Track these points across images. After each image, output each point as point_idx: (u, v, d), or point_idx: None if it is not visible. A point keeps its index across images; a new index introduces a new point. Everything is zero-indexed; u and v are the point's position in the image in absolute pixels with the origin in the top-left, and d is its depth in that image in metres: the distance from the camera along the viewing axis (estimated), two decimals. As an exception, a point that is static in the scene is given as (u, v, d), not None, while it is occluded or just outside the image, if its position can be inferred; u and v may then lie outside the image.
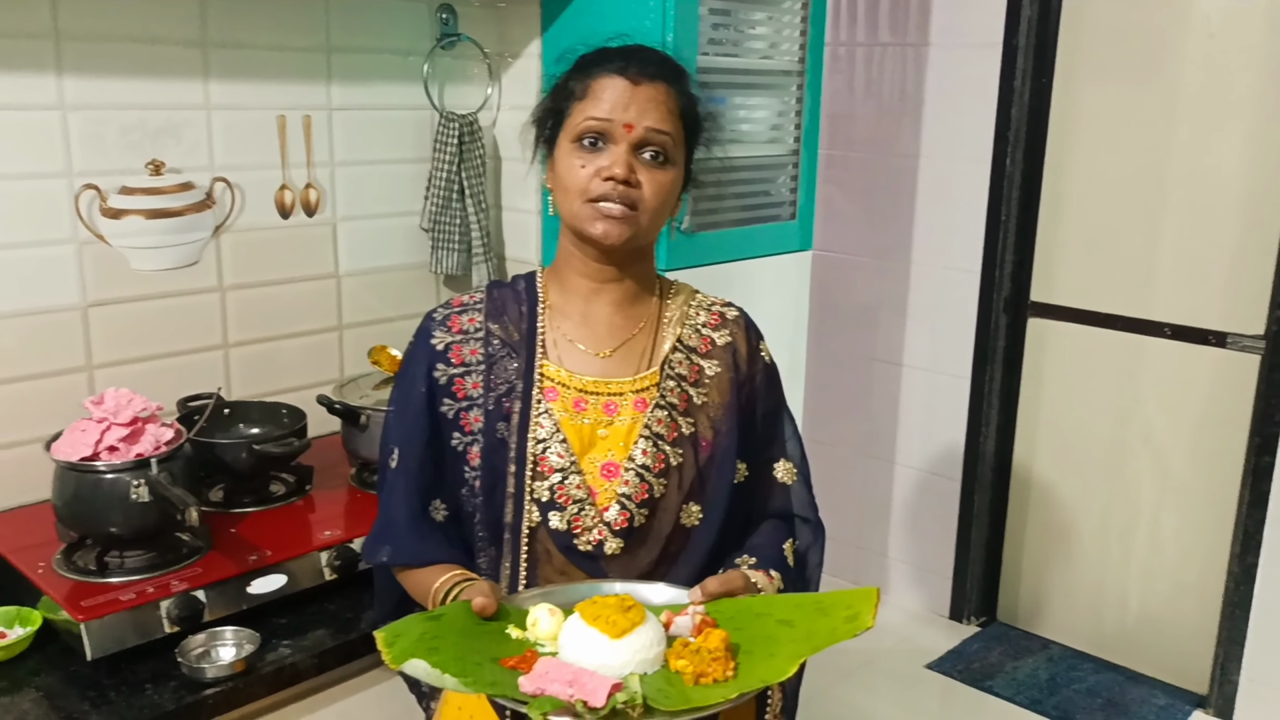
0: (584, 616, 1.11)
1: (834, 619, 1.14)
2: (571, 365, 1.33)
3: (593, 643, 1.09)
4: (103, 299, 1.87)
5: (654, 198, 1.28)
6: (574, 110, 1.29)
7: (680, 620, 1.16)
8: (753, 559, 1.34)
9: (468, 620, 1.14)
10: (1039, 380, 3.14)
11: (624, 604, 1.11)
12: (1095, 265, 2.99)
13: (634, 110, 1.26)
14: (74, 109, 1.79)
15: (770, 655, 1.11)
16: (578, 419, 1.31)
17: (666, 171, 1.29)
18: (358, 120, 2.16)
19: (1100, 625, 3.13)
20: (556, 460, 1.29)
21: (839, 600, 1.17)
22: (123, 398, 1.60)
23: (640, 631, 1.10)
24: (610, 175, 1.25)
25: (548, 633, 1.13)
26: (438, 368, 1.33)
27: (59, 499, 1.57)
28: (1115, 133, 2.90)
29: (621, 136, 1.26)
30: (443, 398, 1.33)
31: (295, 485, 1.89)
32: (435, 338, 1.35)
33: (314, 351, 2.17)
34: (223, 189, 1.98)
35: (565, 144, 1.30)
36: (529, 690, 1.04)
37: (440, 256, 2.29)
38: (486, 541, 1.33)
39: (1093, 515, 3.09)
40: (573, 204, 1.29)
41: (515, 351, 1.34)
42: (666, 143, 1.28)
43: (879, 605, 1.15)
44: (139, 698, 1.43)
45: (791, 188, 2.49)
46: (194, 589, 1.54)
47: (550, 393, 1.31)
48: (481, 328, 1.35)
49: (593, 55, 1.33)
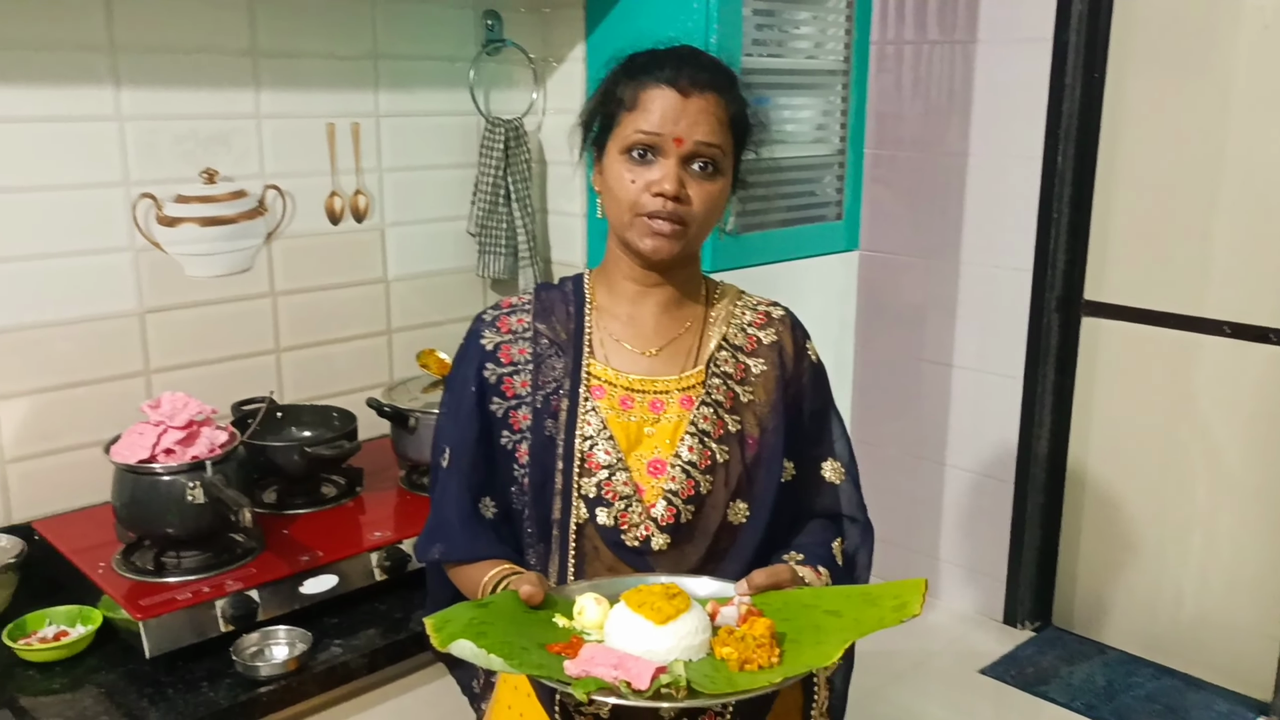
0: (629, 604, 1.12)
1: (882, 608, 1.15)
2: (618, 364, 1.34)
3: (638, 629, 1.10)
4: (159, 305, 1.91)
5: (702, 209, 1.29)
6: (623, 120, 1.29)
7: (726, 611, 1.16)
8: (800, 555, 1.34)
9: (515, 608, 1.16)
10: (1093, 379, 3.09)
11: (669, 592, 1.12)
12: (1149, 262, 2.94)
13: (684, 123, 1.26)
14: (130, 119, 1.83)
15: (817, 644, 1.12)
16: (624, 416, 1.32)
17: (715, 182, 1.29)
18: (405, 126, 2.19)
19: (1158, 628, 3.07)
20: (603, 457, 1.30)
21: (887, 591, 1.17)
22: (178, 401, 1.63)
23: (685, 618, 1.11)
24: (660, 191, 1.26)
25: (594, 621, 1.15)
26: (487, 367, 1.35)
27: (118, 500, 1.61)
28: (1168, 127, 2.85)
29: (671, 150, 1.26)
30: (492, 396, 1.35)
31: (346, 487, 1.92)
32: (485, 338, 1.37)
33: (364, 355, 2.21)
34: (274, 196, 2.02)
35: (614, 153, 1.30)
36: (574, 673, 1.05)
37: (487, 260, 2.31)
38: (535, 538, 1.34)
39: (1148, 516, 3.04)
40: (622, 216, 1.30)
41: (563, 350, 1.35)
42: (716, 155, 1.28)
43: (926, 596, 1.15)
44: (195, 695, 1.46)
45: (837, 188, 2.48)
46: (248, 589, 1.57)
47: (597, 391, 1.33)
48: (530, 328, 1.37)
49: (643, 59, 1.32)
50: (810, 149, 2.42)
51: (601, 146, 1.33)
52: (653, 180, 1.26)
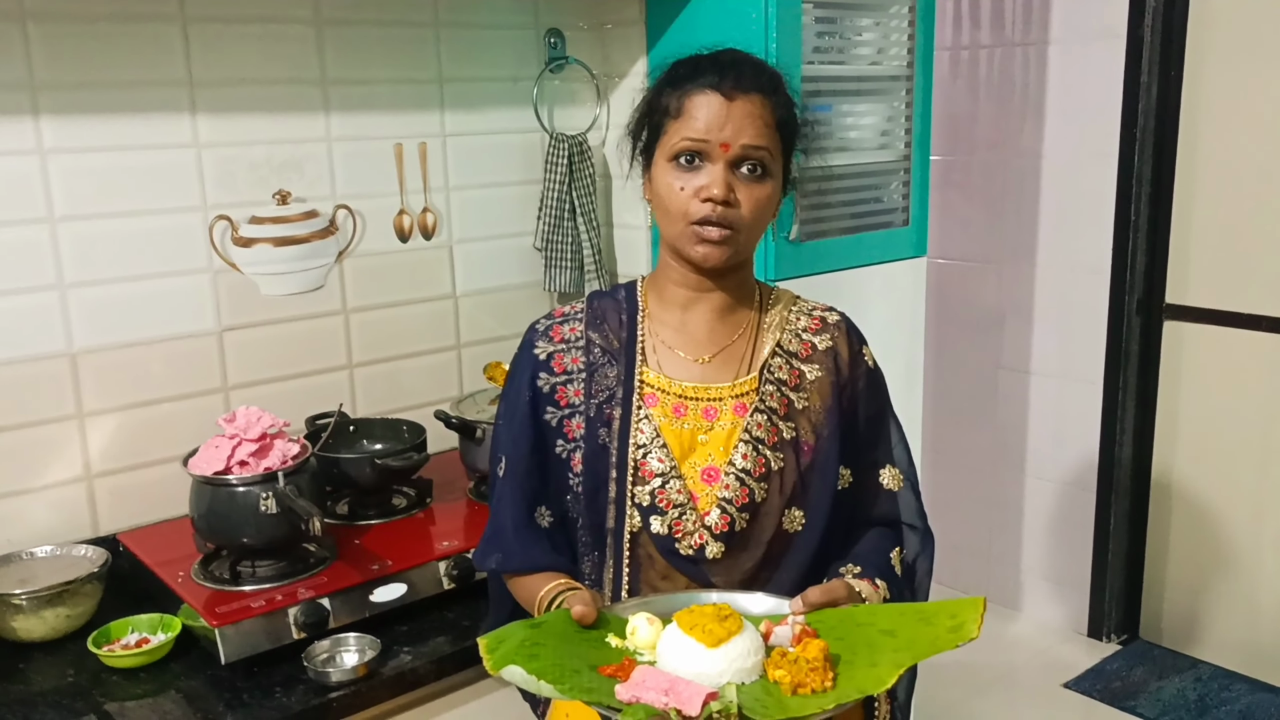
0: (681, 625, 1.12)
1: (937, 628, 1.12)
2: (671, 371, 1.34)
3: (689, 651, 1.09)
4: (236, 324, 1.98)
5: (752, 214, 1.28)
6: (669, 128, 1.29)
7: (780, 630, 1.15)
8: (857, 567, 1.32)
9: (568, 628, 1.16)
10: (1177, 384, 3.00)
11: (721, 613, 1.12)
12: (1234, 263, 2.85)
13: (730, 128, 1.26)
14: (207, 147, 1.91)
15: (871, 665, 1.10)
16: (677, 424, 1.32)
17: (764, 185, 1.29)
18: (471, 145, 2.24)
19: (1254, 642, 2.95)
20: (657, 465, 1.30)
21: (943, 609, 1.15)
22: (252, 415, 1.69)
23: (737, 641, 1.10)
24: (709, 197, 1.26)
25: (646, 641, 1.14)
26: (540, 376, 1.36)
27: (195, 511, 1.67)
28: (1250, 121, 2.76)
29: (718, 155, 1.26)
30: (546, 406, 1.36)
31: (416, 498, 1.96)
32: (538, 348, 1.38)
33: (434, 370, 2.25)
34: (345, 216, 2.08)
35: (662, 161, 1.30)
36: (624, 698, 1.05)
37: (553, 275, 2.34)
38: (589, 546, 1.35)
39: (1242, 524, 2.93)
40: (674, 225, 1.30)
41: (615, 359, 1.36)
42: (764, 157, 1.28)
43: (984, 615, 1.12)
44: (269, 700, 1.50)
45: (904, 193, 2.46)
46: (320, 597, 1.61)
47: (650, 399, 1.33)
48: (582, 336, 1.38)
49: (686, 66, 1.32)
50: (875, 155, 2.40)
51: (650, 156, 1.34)
52: (701, 186, 1.26)
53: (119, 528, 1.87)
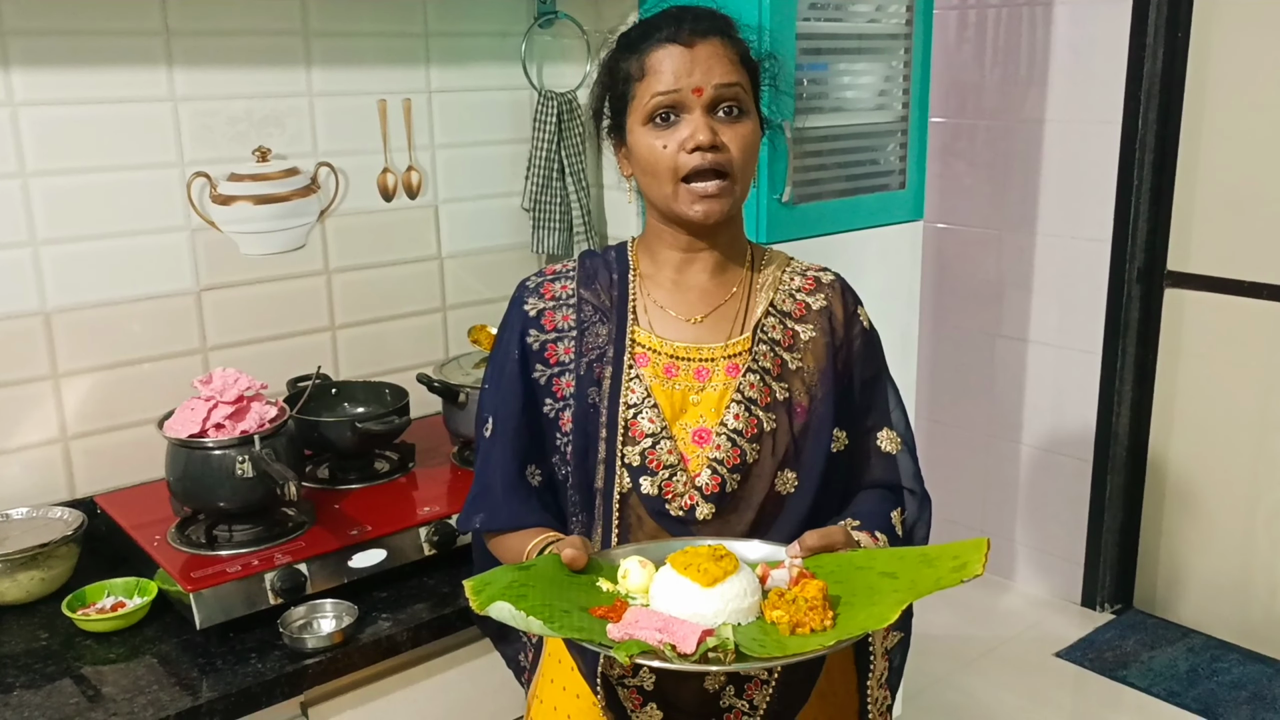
0: (675, 566, 1.10)
1: (940, 569, 1.09)
2: (663, 331, 1.32)
3: (684, 592, 1.07)
4: (215, 283, 1.94)
5: (741, 154, 1.26)
6: (637, 91, 1.27)
7: (777, 574, 1.13)
8: (857, 521, 1.30)
9: (558, 572, 1.14)
10: (1176, 354, 2.96)
11: (716, 553, 1.09)
12: (1237, 230, 2.80)
13: (698, 72, 1.24)
14: (184, 100, 1.85)
15: (871, 605, 1.07)
16: (669, 385, 1.30)
17: (745, 123, 1.27)
18: (457, 102, 2.18)
19: (1246, 613, 2.94)
20: (648, 425, 1.28)
21: (946, 551, 1.12)
22: (229, 377, 1.65)
23: (733, 580, 1.08)
24: (696, 145, 1.23)
25: (639, 585, 1.12)
26: (530, 334, 1.34)
27: (171, 474, 1.63)
28: (1257, 87, 2.70)
29: (694, 102, 1.24)
30: (535, 363, 1.34)
31: (398, 463, 1.92)
32: (528, 304, 1.36)
33: (418, 332, 2.21)
34: (327, 174, 2.03)
35: (637, 127, 1.27)
36: (617, 637, 1.03)
37: (541, 236, 2.29)
38: (578, 507, 1.33)
39: (1237, 495, 2.90)
40: (664, 187, 1.27)
41: (606, 317, 1.34)
42: (738, 93, 1.26)
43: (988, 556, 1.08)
44: (244, 666, 1.47)
45: (900, 155, 2.40)
46: (297, 562, 1.58)
47: (641, 358, 1.31)
48: (574, 294, 1.36)
49: (636, 32, 1.31)
50: (871, 116, 2.35)
51: (620, 129, 1.31)
52: (684, 138, 1.24)
53: (95, 490, 1.84)
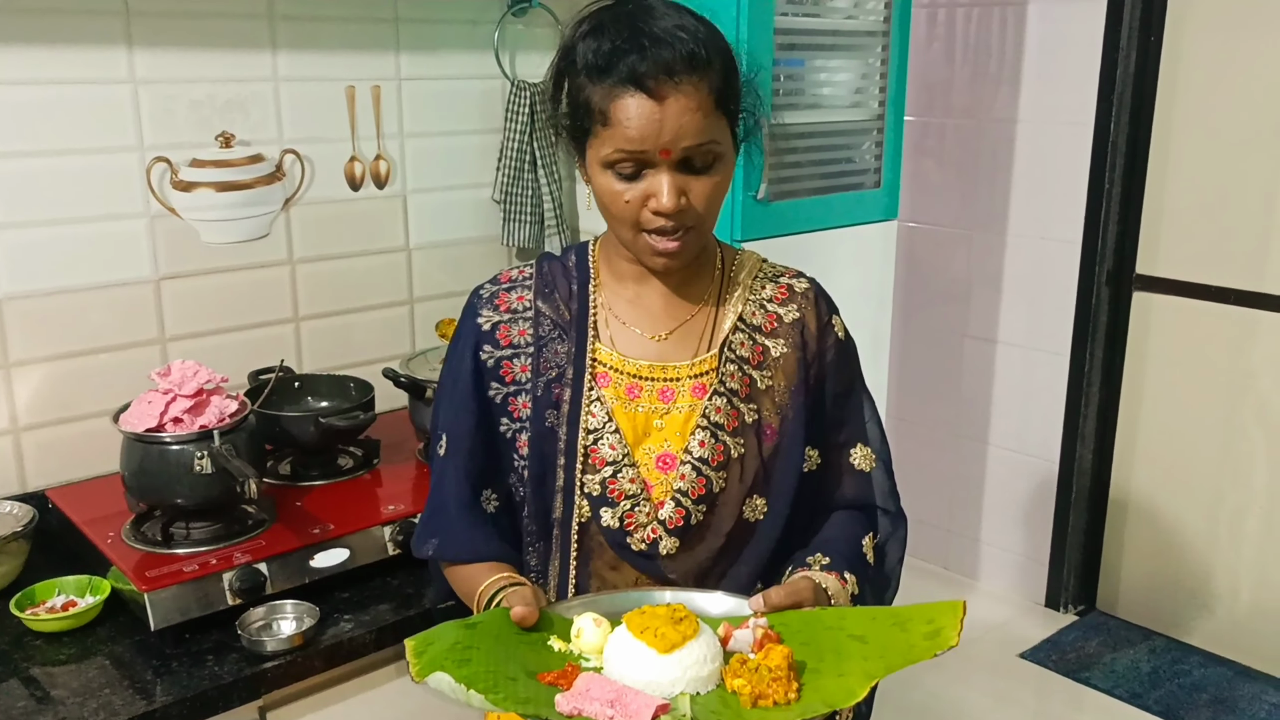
0: (631, 628, 1.03)
1: (912, 635, 1.04)
2: (625, 349, 1.25)
3: (640, 657, 1.01)
4: (175, 272, 1.88)
5: (706, 206, 1.16)
6: (599, 134, 1.14)
7: (740, 634, 1.07)
8: (826, 558, 1.23)
9: (506, 629, 1.07)
10: (1144, 357, 2.98)
11: (675, 615, 1.03)
12: (1206, 235, 2.81)
13: (667, 133, 1.10)
14: (144, 83, 1.80)
15: (839, 674, 1.02)
16: (631, 407, 1.23)
17: (717, 173, 1.16)
18: (428, 90, 2.14)
19: (1208, 616, 2.96)
20: (609, 452, 1.21)
21: (919, 614, 1.06)
22: (188, 369, 1.60)
23: (692, 646, 1.01)
24: (659, 210, 1.13)
25: (592, 645, 1.06)
26: (484, 349, 1.26)
27: (126, 470, 1.58)
28: (1230, 90, 2.71)
29: (659, 161, 1.12)
30: (490, 381, 1.26)
31: (362, 459, 1.88)
32: (482, 316, 1.28)
33: (385, 325, 2.16)
34: (292, 161, 1.98)
35: (596, 165, 1.15)
36: (565, 710, 0.97)
37: (512, 229, 2.25)
38: (535, 536, 1.26)
39: (1201, 499, 2.92)
40: (623, 231, 1.18)
41: (565, 333, 1.25)
42: (711, 149, 1.14)
43: (964, 621, 1.03)
44: (200, 669, 1.43)
45: (876, 154, 2.39)
46: (256, 561, 1.54)
47: (602, 378, 1.23)
48: (531, 307, 1.27)
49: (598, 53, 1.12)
50: (847, 114, 2.33)
51: (580, 145, 1.19)
52: (648, 195, 1.14)
53: (47, 484, 1.78)
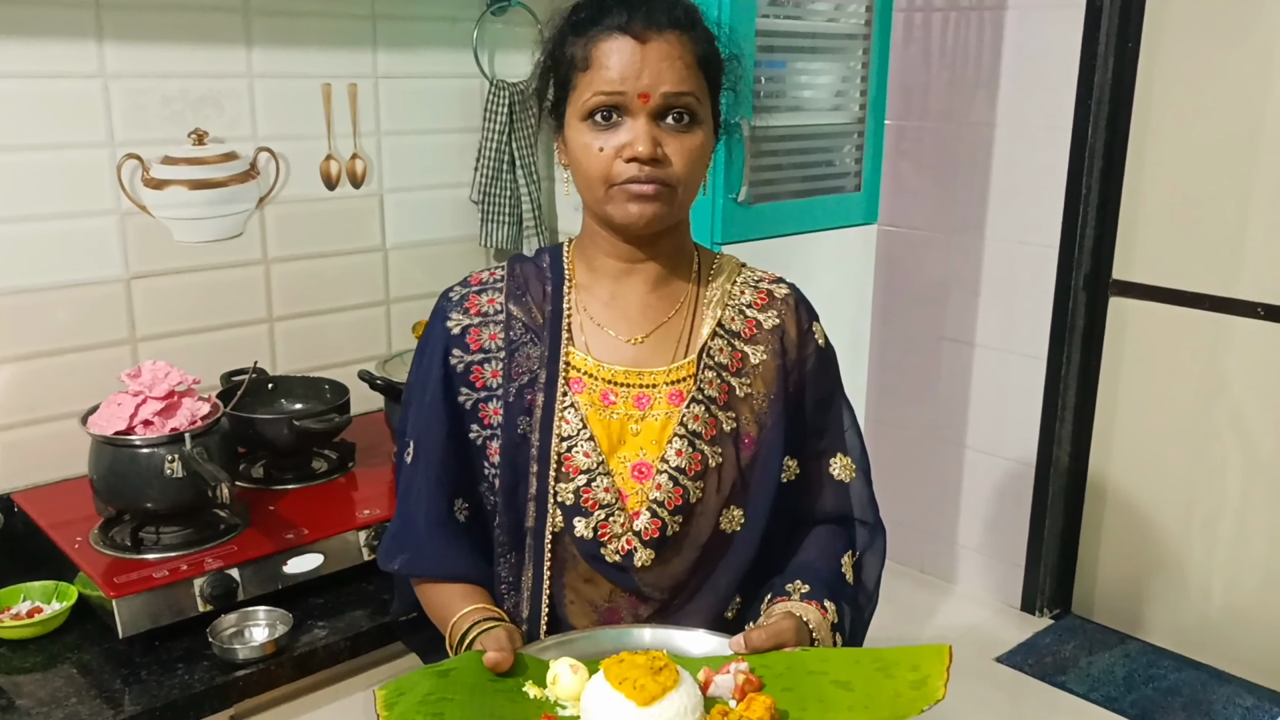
0: (609, 678, 1.00)
1: (898, 682, 1.02)
2: (600, 353, 1.22)
3: (618, 710, 0.98)
4: (146, 271, 1.84)
5: (685, 167, 1.14)
6: (578, 82, 1.14)
7: (720, 679, 1.04)
8: (805, 585, 1.21)
9: (480, 676, 1.04)
10: (1119, 361, 2.99)
11: (654, 664, 1.00)
12: (1182, 241, 2.82)
13: (647, 75, 1.11)
14: (115, 78, 1.76)
15: None
16: (606, 413, 1.20)
17: (694, 135, 1.15)
18: (405, 89, 2.11)
19: (1182, 620, 2.97)
20: (583, 460, 1.18)
21: (903, 659, 1.04)
22: (159, 371, 1.57)
23: (672, 698, 0.99)
24: (634, 156, 1.11)
25: (569, 692, 1.04)
26: (454, 354, 1.23)
27: (95, 473, 1.55)
28: (1206, 98, 2.73)
29: (638, 108, 1.11)
30: (460, 386, 1.23)
31: (337, 462, 1.85)
32: (451, 320, 1.24)
33: (361, 326, 2.13)
34: (267, 159, 1.94)
35: (574, 121, 1.15)
36: None
37: (490, 230, 2.23)
38: (507, 547, 1.23)
39: (1175, 503, 2.94)
40: (595, 190, 1.15)
41: (538, 337, 1.22)
42: (690, 103, 1.13)
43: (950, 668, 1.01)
44: (170, 677, 1.39)
45: (856, 158, 2.39)
46: (228, 567, 1.51)
47: (576, 384, 1.20)
48: (502, 310, 1.24)
49: (587, 9, 1.16)
50: (828, 117, 2.33)
51: (560, 115, 1.19)
52: (623, 144, 1.12)
53: (13, 486, 1.74)
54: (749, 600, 1.25)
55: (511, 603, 1.23)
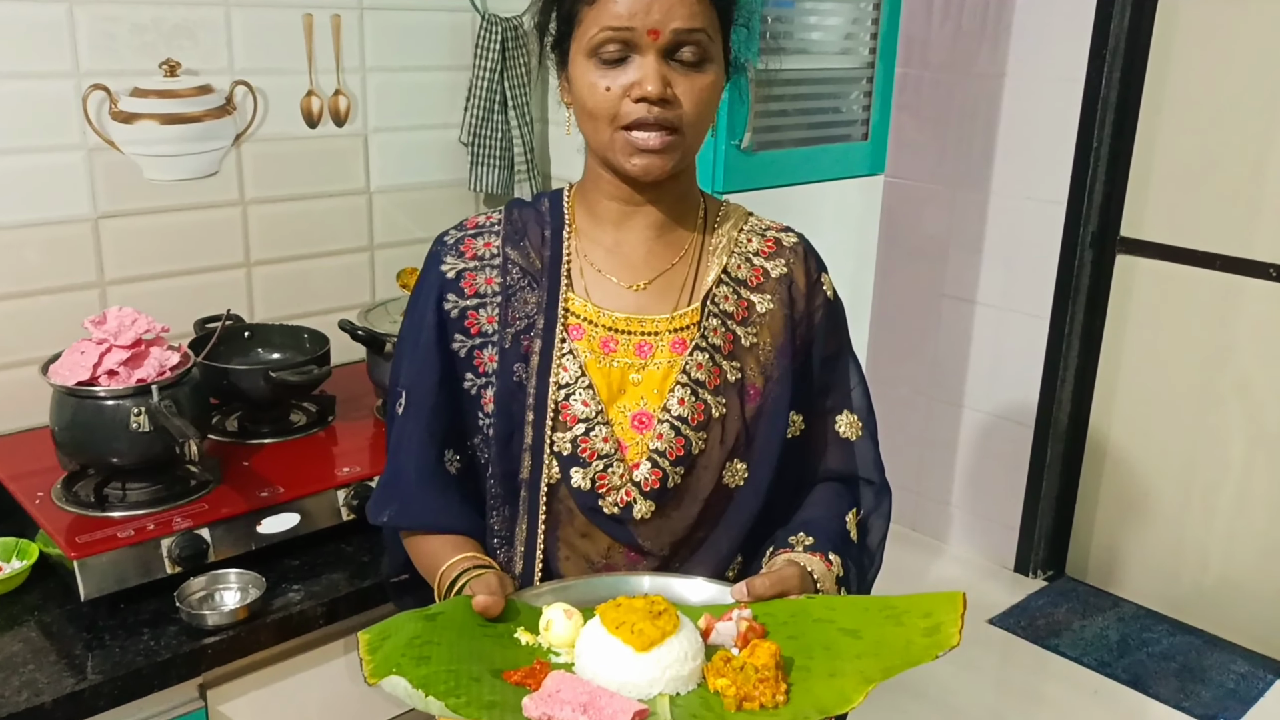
0: (605, 623, 0.96)
1: (909, 629, 0.97)
2: (600, 299, 1.17)
3: (615, 655, 0.94)
4: (115, 210, 1.74)
5: (695, 108, 1.09)
6: (585, 17, 1.08)
7: (722, 626, 1.00)
8: (809, 538, 1.17)
9: (469, 620, 0.99)
10: (1124, 322, 2.92)
11: (653, 608, 0.96)
12: (1194, 198, 2.74)
13: (657, 10, 1.05)
14: (81, 3, 1.65)
15: (830, 674, 0.94)
16: (606, 361, 1.15)
17: (705, 74, 1.10)
18: (392, 22, 1.99)
19: (1177, 585, 2.94)
20: (581, 409, 1.13)
21: (915, 606, 0.99)
22: (126, 317, 1.47)
23: (672, 643, 0.94)
24: (643, 95, 1.06)
25: (563, 638, 0.99)
26: (448, 298, 1.18)
27: (56, 425, 1.46)
28: (1224, 52, 2.63)
29: (647, 45, 1.06)
30: (454, 332, 1.18)
31: (317, 416, 1.77)
32: (446, 264, 1.20)
33: (343, 273, 2.04)
34: (244, 94, 1.83)
35: (580, 58, 1.10)
36: (533, 715, 0.89)
37: (480, 173, 2.13)
38: (500, 499, 1.18)
39: (1175, 468, 2.88)
40: (600, 133, 1.10)
41: (536, 282, 1.18)
42: (701, 39, 1.08)
43: (965, 615, 0.96)
44: (135, 643, 1.32)
45: (864, 105, 2.28)
46: (197, 527, 1.43)
47: (575, 330, 1.16)
48: (499, 253, 1.19)
49: None
50: (836, 60, 2.22)
51: (564, 52, 1.13)
52: (631, 83, 1.07)
53: (-28, 437, 1.66)
54: (750, 559, 1.21)
55: (504, 557, 1.19)
